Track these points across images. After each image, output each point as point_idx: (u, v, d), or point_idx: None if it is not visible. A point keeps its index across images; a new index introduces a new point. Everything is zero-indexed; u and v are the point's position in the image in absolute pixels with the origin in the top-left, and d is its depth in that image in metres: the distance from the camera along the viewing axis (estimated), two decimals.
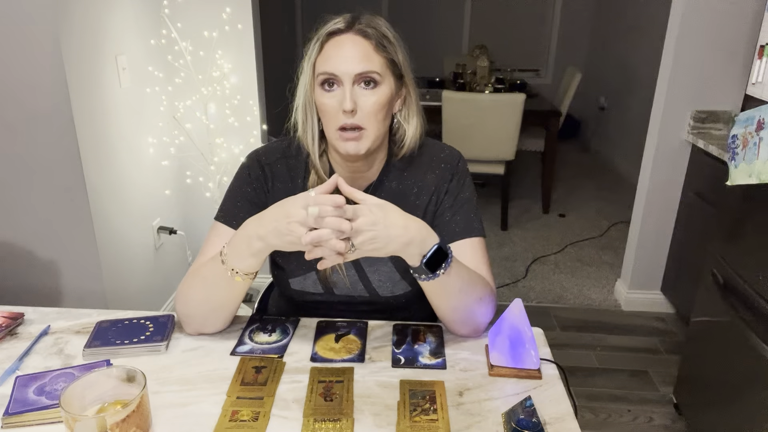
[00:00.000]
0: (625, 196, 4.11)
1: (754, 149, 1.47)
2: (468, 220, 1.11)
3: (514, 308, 0.94)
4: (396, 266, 1.11)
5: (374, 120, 0.99)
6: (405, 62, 1.04)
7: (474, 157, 3.48)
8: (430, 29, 5.96)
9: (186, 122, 2.42)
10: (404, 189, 1.12)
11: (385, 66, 0.99)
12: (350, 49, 0.97)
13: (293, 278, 1.13)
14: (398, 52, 1.02)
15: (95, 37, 1.93)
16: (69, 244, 1.94)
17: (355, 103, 0.97)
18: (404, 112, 1.08)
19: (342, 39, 0.98)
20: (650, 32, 4.25)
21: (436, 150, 1.15)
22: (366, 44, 0.98)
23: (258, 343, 1.03)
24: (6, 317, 1.07)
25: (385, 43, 0.99)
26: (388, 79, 1.01)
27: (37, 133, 1.81)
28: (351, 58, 0.96)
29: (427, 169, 1.13)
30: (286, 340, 1.04)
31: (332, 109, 0.99)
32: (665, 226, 2.59)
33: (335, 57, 0.97)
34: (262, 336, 1.05)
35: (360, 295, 1.13)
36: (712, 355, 1.78)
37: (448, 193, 1.12)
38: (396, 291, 1.12)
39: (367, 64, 0.97)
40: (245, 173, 1.12)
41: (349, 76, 0.97)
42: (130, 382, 0.75)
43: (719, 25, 2.28)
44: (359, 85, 0.98)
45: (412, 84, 1.07)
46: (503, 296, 2.86)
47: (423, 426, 0.82)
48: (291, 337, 1.05)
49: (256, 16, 2.41)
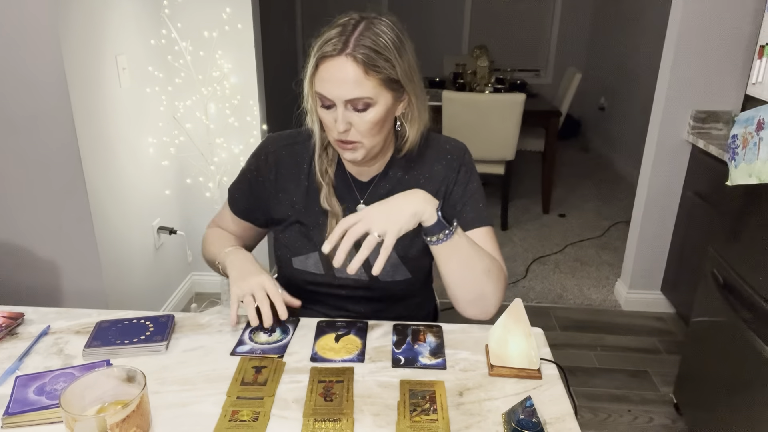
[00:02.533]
0: (625, 196, 4.12)
1: (754, 149, 1.47)
2: (478, 210, 1.14)
3: (514, 308, 0.94)
4: (398, 251, 1.13)
5: (368, 135, 1.02)
6: (405, 72, 1.01)
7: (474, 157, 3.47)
8: (430, 29, 5.96)
9: (186, 122, 2.42)
10: (410, 179, 1.15)
11: (378, 86, 0.98)
12: (341, 75, 0.96)
13: (296, 257, 1.16)
14: (396, 66, 0.99)
15: (95, 37, 1.93)
16: (69, 244, 1.94)
17: (349, 123, 1.00)
18: (408, 114, 1.08)
19: (333, 64, 0.96)
20: (650, 32, 4.25)
21: (442, 142, 1.18)
22: (356, 70, 0.96)
23: (258, 343, 1.03)
24: (6, 317, 1.07)
25: (379, 63, 0.96)
26: (383, 96, 1.00)
27: (37, 133, 1.81)
28: (341, 85, 0.96)
29: (434, 160, 1.16)
30: (286, 340, 1.04)
31: (330, 123, 1.02)
32: (665, 226, 2.59)
33: (328, 81, 0.98)
34: (262, 336, 1.05)
35: (360, 278, 1.15)
36: (712, 355, 1.78)
37: (458, 184, 1.14)
38: (396, 276, 1.14)
39: (357, 90, 0.96)
40: (253, 159, 1.20)
41: (340, 100, 0.98)
42: (130, 382, 0.75)
43: (719, 25, 2.28)
44: (352, 107, 0.99)
45: (414, 89, 1.05)
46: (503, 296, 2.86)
47: (423, 426, 0.82)
48: (291, 337, 1.05)
49: (256, 16, 2.41)
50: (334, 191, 1.13)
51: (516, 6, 5.93)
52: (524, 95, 3.32)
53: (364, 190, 1.15)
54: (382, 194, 1.14)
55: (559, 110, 3.82)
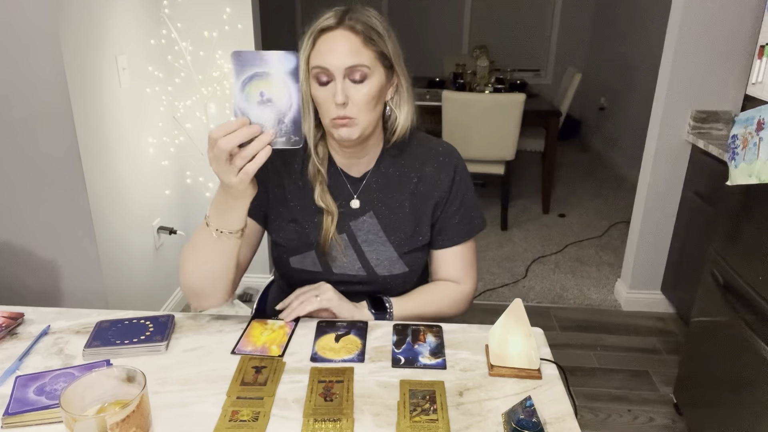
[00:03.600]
0: (625, 196, 4.12)
1: (754, 149, 1.47)
2: (468, 220, 1.19)
3: (514, 308, 0.94)
4: (395, 246, 1.15)
5: (365, 110, 1.04)
6: (395, 53, 1.07)
7: (474, 157, 3.48)
8: (430, 29, 5.96)
9: (186, 122, 2.42)
10: (402, 176, 1.17)
11: (374, 59, 1.03)
12: (340, 44, 1.01)
13: (293, 256, 1.16)
14: (388, 44, 1.05)
15: (95, 37, 1.93)
16: (69, 244, 1.94)
17: (347, 96, 1.02)
18: (396, 99, 1.13)
19: (333, 35, 1.02)
20: (650, 32, 4.25)
21: (433, 143, 1.20)
22: (355, 39, 1.01)
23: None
24: (6, 317, 1.07)
25: (374, 36, 1.03)
26: (378, 71, 1.04)
27: (38, 133, 1.81)
28: (341, 53, 1.01)
29: (425, 159, 1.17)
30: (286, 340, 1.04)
31: (326, 102, 1.04)
32: (665, 226, 2.59)
33: (327, 52, 1.01)
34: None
35: (357, 273, 1.16)
36: (712, 355, 1.78)
37: (454, 197, 1.17)
38: (394, 271, 1.16)
39: (357, 58, 1.01)
40: None
41: (340, 69, 1.01)
42: (130, 382, 0.75)
43: (719, 25, 2.28)
44: (350, 78, 1.02)
45: (403, 73, 1.10)
46: (503, 296, 2.86)
47: (423, 426, 0.82)
48: (291, 337, 1.05)
49: (256, 16, 2.41)
50: (328, 189, 1.14)
51: (516, 6, 5.93)
52: (524, 95, 3.32)
53: (356, 185, 1.17)
54: (374, 189, 1.16)
55: (559, 110, 3.82)
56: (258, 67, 0.84)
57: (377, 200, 1.16)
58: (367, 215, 1.16)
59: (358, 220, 1.15)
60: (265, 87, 0.85)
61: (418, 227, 1.17)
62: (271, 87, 0.85)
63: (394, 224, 1.16)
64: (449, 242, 1.19)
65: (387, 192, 1.16)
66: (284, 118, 0.86)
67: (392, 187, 1.16)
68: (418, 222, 1.17)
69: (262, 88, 0.85)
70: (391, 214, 1.16)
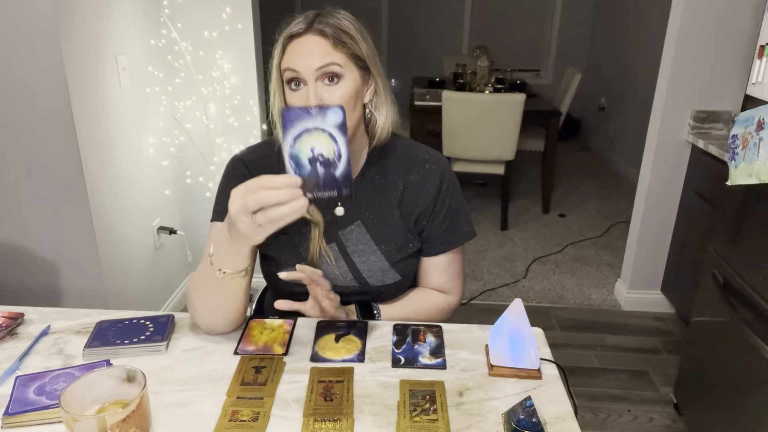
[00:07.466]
0: (625, 196, 4.12)
1: (754, 149, 1.47)
2: (456, 228, 1.18)
3: (514, 308, 0.94)
4: (386, 256, 1.14)
5: None
6: (370, 54, 1.05)
7: (474, 157, 3.49)
8: (430, 29, 5.96)
9: (186, 122, 2.42)
10: (387, 184, 1.15)
11: (346, 59, 1.01)
12: (309, 48, 0.99)
13: (283, 270, 1.13)
14: (361, 46, 1.03)
15: (95, 37, 1.93)
16: (69, 244, 1.94)
17: (321, 100, 0.99)
18: (374, 101, 1.10)
19: (302, 40, 1.00)
20: (650, 32, 4.25)
21: (419, 150, 1.18)
22: (324, 42, 0.99)
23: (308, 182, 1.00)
24: (6, 317, 1.07)
25: (344, 39, 1.01)
26: (351, 71, 1.02)
27: (38, 133, 1.81)
28: (310, 56, 0.99)
29: (411, 166, 1.16)
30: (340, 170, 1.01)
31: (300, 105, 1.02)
32: (665, 226, 2.59)
33: (296, 56, 1.00)
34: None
35: (350, 285, 1.15)
36: (712, 355, 1.78)
37: (441, 202, 1.16)
38: (386, 280, 1.15)
39: (326, 58, 0.99)
40: (230, 172, 1.16)
41: (311, 72, 0.99)
42: (130, 382, 0.75)
43: (719, 25, 2.28)
44: (322, 81, 1.00)
45: (380, 74, 1.08)
46: (503, 296, 2.86)
47: (423, 426, 0.82)
48: (291, 337, 1.05)
49: (256, 16, 2.41)
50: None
51: (516, 6, 5.93)
52: (524, 95, 3.32)
53: None
54: (360, 197, 1.14)
55: (559, 110, 3.82)
56: (308, 123, 0.85)
57: (364, 208, 1.14)
58: (355, 224, 1.13)
59: (346, 229, 1.13)
60: (316, 143, 0.85)
61: (408, 235, 1.15)
62: (321, 142, 0.85)
63: (384, 233, 1.14)
64: (436, 250, 1.18)
65: (374, 200, 1.14)
66: (335, 172, 0.86)
67: (379, 195, 1.14)
68: (408, 230, 1.15)
69: (312, 144, 0.85)
70: (380, 223, 1.14)
